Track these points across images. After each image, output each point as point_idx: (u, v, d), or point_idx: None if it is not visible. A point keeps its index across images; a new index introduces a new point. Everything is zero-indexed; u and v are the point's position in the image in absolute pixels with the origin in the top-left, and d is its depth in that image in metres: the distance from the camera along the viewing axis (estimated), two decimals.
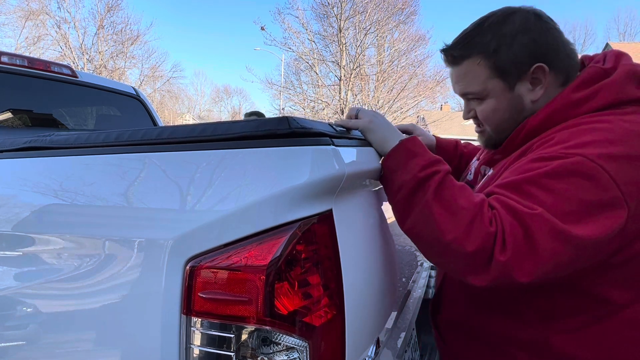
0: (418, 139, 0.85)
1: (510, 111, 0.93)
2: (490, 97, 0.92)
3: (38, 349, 0.72)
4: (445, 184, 0.76)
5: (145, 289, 0.62)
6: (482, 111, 0.95)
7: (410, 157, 0.80)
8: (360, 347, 0.72)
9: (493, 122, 0.95)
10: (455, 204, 0.73)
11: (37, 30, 20.43)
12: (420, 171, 0.77)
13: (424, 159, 0.80)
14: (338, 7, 17.38)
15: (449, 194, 0.75)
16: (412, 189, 0.77)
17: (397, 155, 0.81)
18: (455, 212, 0.72)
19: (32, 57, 2.26)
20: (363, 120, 0.88)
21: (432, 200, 0.74)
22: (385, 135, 0.86)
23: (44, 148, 0.87)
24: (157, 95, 27.34)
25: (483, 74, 0.91)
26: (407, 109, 18.28)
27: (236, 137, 0.65)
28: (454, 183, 0.78)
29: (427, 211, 0.74)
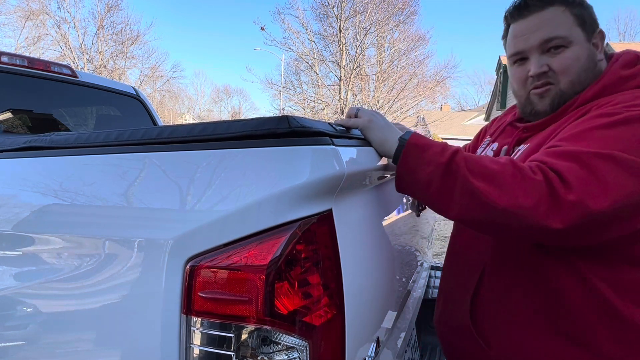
0: (417, 132, 0.85)
1: (589, 62, 0.94)
2: (574, 44, 0.93)
3: (38, 349, 0.72)
4: (468, 158, 0.76)
5: (145, 288, 0.62)
6: (565, 59, 0.93)
7: (423, 150, 0.80)
8: (360, 347, 0.71)
9: (573, 72, 0.93)
10: (490, 170, 0.73)
11: (37, 30, 20.43)
12: (440, 157, 0.77)
13: (436, 146, 0.80)
14: (338, 7, 17.38)
15: (478, 165, 0.75)
16: (442, 176, 0.76)
17: (409, 155, 0.80)
18: (494, 177, 0.72)
19: (32, 57, 2.26)
20: (362, 119, 0.88)
21: (468, 177, 0.73)
22: (385, 135, 0.85)
23: (44, 148, 0.87)
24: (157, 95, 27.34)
25: (569, 20, 0.93)
26: (407, 109, 18.27)
27: (236, 137, 0.65)
28: (474, 155, 0.79)
29: (467, 189, 0.73)
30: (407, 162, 0.80)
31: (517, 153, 0.99)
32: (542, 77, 0.95)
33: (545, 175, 0.71)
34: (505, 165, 0.73)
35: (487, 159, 0.77)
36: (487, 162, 0.76)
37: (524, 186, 0.70)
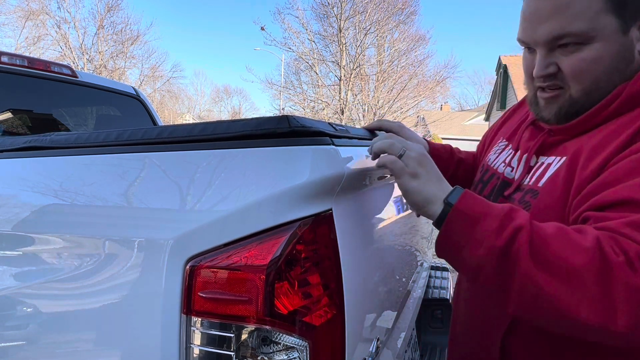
0: (469, 193, 0.64)
1: (618, 62, 0.70)
2: (596, 40, 0.69)
3: (38, 349, 0.72)
4: (537, 241, 0.56)
5: (145, 288, 0.62)
6: (579, 61, 0.70)
7: (473, 224, 0.60)
8: (360, 347, 0.71)
9: (589, 78, 0.70)
10: (566, 264, 0.54)
11: (37, 30, 20.43)
12: (496, 238, 0.58)
13: (492, 219, 0.59)
14: (338, 7, 17.38)
15: (551, 253, 0.55)
16: (495, 266, 0.58)
17: (454, 227, 0.62)
18: (572, 276, 0.53)
19: (32, 57, 2.26)
20: (403, 165, 0.67)
21: (532, 271, 0.55)
22: (430, 192, 0.65)
23: (44, 148, 0.87)
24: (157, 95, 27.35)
25: (596, 5, 0.67)
26: (407, 109, 18.27)
27: (236, 137, 0.65)
28: (546, 233, 0.57)
29: (531, 288, 0.55)
30: (450, 236, 0.63)
31: (545, 168, 0.77)
32: (549, 79, 0.74)
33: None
34: (589, 259, 0.53)
35: (562, 237, 0.56)
36: (562, 246, 0.55)
37: (619, 301, 0.51)
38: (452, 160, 1.18)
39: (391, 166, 0.68)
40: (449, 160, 1.18)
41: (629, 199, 0.58)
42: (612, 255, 0.52)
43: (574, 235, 0.56)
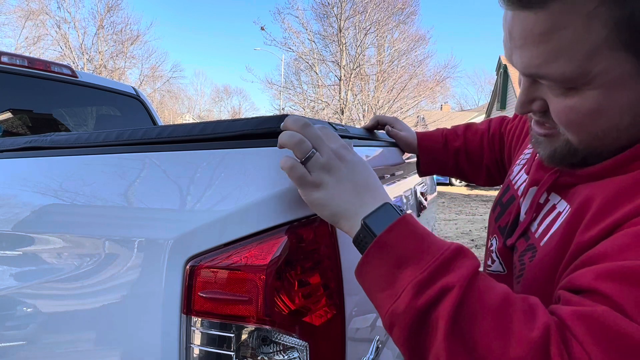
0: (405, 221, 0.48)
1: (637, 114, 0.48)
2: (593, 86, 0.46)
3: (38, 349, 0.72)
4: (465, 312, 0.42)
5: (145, 288, 0.61)
6: (568, 109, 0.49)
7: (396, 268, 0.46)
8: (360, 347, 0.71)
9: (585, 131, 0.51)
10: (493, 352, 0.39)
11: (37, 30, 20.44)
12: (417, 296, 0.43)
13: (421, 266, 0.45)
14: (338, 7, 17.39)
15: (478, 334, 0.41)
16: (408, 330, 0.44)
17: (373, 266, 0.48)
18: None
19: (32, 57, 2.26)
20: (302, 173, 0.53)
21: (447, 350, 0.41)
22: (341, 208, 0.52)
23: (44, 148, 0.87)
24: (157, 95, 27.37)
25: (591, 39, 0.43)
26: (407, 109, 18.28)
27: (236, 136, 0.65)
28: (483, 303, 0.42)
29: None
30: (368, 272, 0.49)
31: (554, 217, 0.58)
32: (538, 115, 0.55)
33: None
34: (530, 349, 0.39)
35: (502, 313, 0.41)
36: (495, 327, 0.40)
37: None
38: (448, 152, 1.06)
39: (289, 173, 0.53)
40: (444, 154, 1.07)
41: (592, 288, 0.42)
42: (556, 358, 0.38)
43: (519, 317, 0.41)
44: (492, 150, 1.07)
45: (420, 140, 1.11)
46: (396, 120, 1.13)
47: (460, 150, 1.08)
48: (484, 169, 1.08)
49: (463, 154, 1.08)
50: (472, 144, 1.08)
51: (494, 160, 1.07)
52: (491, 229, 0.77)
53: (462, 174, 1.13)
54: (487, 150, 1.07)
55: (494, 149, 1.07)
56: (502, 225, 0.71)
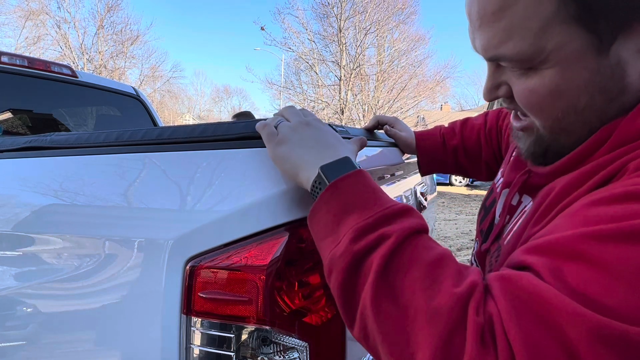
0: (361, 173, 0.50)
1: (593, 94, 0.47)
2: (549, 64, 0.46)
3: (38, 349, 0.72)
4: (398, 260, 0.42)
5: (145, 288, 0.62)
6: (528, 92, 0.49)
7: (343, 213, 0.47)
8: (360, 347, 0.71)
9: (547, 114, 0.50)
10: (417, 302, 0.40)
11: (37, 30, 20.45)
12: (356, 240, 0.44)
13: (366, 214, 0.46)
14: (338, 7, 17.40)
15: (405, 281, 0.41)
16: (345, 272, 0.44)
17: (323, 211, 0.49)
18: (418, 314, 0.39)
19: (32, 57, 2.26)
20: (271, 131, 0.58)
21: (372, 296, 0.42)
22: (302, 159, 0.54)
23: (44, 148, 0.87)
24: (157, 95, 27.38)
25: (542, 13, 0.44)
26: (407, 109, 18.29)
27: (236, 137, 0.65)
28: (420, 255, 0.43)
29: (368, 316, 0.42)
30: (318, 217, 0.50)
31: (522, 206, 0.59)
32: (507, 102, 0.55)
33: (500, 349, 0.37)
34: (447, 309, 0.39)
35: (435, 267, 0.42)
36: (424, 277, 0.41)
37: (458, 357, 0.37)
38: (447, 151, 1.05)
39: (261, 131, 0.59)
40: (443, 152, 1.06)
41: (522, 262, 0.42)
42: (473, 314, 0.38)
43: (450, 274, 0.41)
44: (490, 145, 1.06)
45: (419, 140, 1.10)
46: (396, 121, 1.13)
47: (459, 147, 1.07)
48: (484, 165, 1.08)
49: (462, 151, 1.07)
50: (469, 141, 1.07)
51: (492, 155, 1.06)
52: (476, 232, 0.77)
53: (463, 171, 1.12)
54: (485, 145, 1.06)
55: (491, 144, 1.06)
56: (484, 229, 0.72)
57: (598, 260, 0.37)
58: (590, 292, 0.36)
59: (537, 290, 0.37)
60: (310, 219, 0.52)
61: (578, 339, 0.34)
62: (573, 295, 0.36)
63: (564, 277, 0.38)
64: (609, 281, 0.36)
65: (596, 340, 0.34)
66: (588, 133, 0.50)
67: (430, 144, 1.10)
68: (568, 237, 0.39)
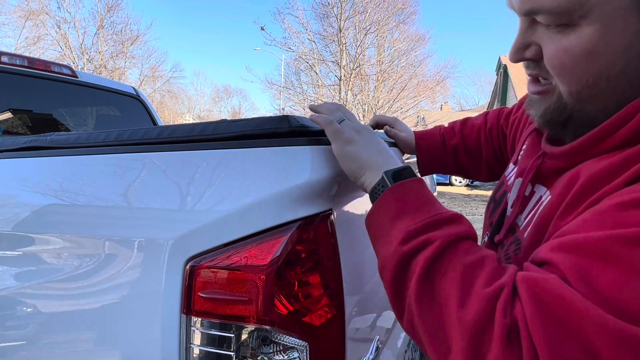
0: (419, 181, 0.54)
1: (631, 60, 0.45)
2: (590, 21, 0.45)
3: (38, 349, 0.72)
4: (440, 264, 0.45)
5: (145, 288, 0.62)
6: (561, 51, 0.47)
7: (396, 217, 0.51)
8: (360, 347, 0.72)
9: (577, 78, 0.48)
10: (449, 302, 0.43)
11: (37, 30, 20.44)
12: (405, 242, 0.48)
13: (418, 219, 0.49)
14: (338, 7, 17.40)
15: (444, 282, 0.44)
16: (394, 270, 0.48)
17: (381, 212, 0.53)
18: (451, 316, 0.42)
19: (32, 57, 2.26)
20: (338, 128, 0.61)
21: (416, 294, 0.45)
22: (370, 160, 0.58)
23: (44, 148, 0.87)
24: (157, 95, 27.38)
25: None
26: (407, 109, 18.29)
27: (236, 137, 0.65)
28: (462, 258, 0.45)
29: (411, 312, 0.46)
30: (376, 219, 0.54)
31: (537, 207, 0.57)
32: (532, 66, 0.53)
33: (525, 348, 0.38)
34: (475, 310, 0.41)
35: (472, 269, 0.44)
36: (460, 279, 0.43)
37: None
38: (446, 151, 1.05)
39: (325, 127, 0.61)
40: (443, 152, 1.05)
41: (546, 260, 0.43)
42: (500, 315, 0.40)
43: (484, 276, 0.43)
44: (491, 145, 1.05)
45: (419, 140, 1.09)
46: (396, 121, 1.13)
47: (459, 147, 1.06)
48: (484, 164, 1.07)
49: (462, 151, 1.06)
50: (469, 140, 1.06)
51: (492, 155, 1.05)
52: (485, 225, 0.77)
53: (463, 171, 1.11)
54: (485, 144, 1.05)
55: (492, 143, 1.05)
56: (494, 221, 0.72)
57: (626, 265, 0.37)
58: (615, 297, 0.36)
59: (562, 295, 0.38)
60: (368, 220, 0.56)
61: (601, 345, 0.35)
62: (598, 301, 0.36)
63: (590, 280, 0.38)
64: (636, 287, 0.36)
65: (619, 347, 0.35)
66: (616, 104, 0.48)
67: (430, 143, 1.09)
68: (597, 238, 0.39)
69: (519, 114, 0.92)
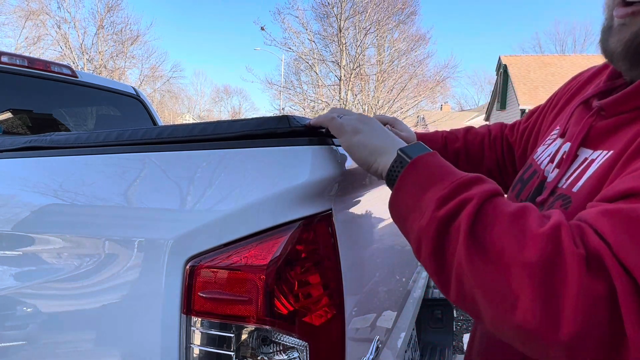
0: (434, 153, 0.55)
1: None
2: None
3: (38, 349, 0.72)
4: (482, 218, 0.45)
5: (145, 288, 0.62)
6: None
7: (423, 188, 0.51)
8: (360, 347, 0.72)
9: None
10: (507, 250, 0.42)
11: (37, 30, 20.46)
12: (439, 207, 0.48)
13: (445, 185, 0.49)
14: (338, 7, 17.40)
15: (493, 233, 0.44)
16: (433, 241, 0.47)
17: (405, 190, 0.53)
18: (511, 265, 0.41)
19: (32, 57, 2.26)
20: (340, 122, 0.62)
21: (467, 254, 0.44)
22: (380, 144, 0.59)
23: (44, 148, 0.87)
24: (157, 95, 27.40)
25: None
26: (407, 109, 18.29)
27: (236, 137, 0.65)
28: (501, 210, 0.46)
29: (464, 274, 0.45)
30: (401, 197, 0.54)
31: (586, 166, 0.59)
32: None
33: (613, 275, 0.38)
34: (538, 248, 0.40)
35: (517, 217, 0.44)
36: (509, 227, 0.43)
37: (566, 303, 0.39)
38: (448, 154, 1.04)
39: (328, 124, 0.62)
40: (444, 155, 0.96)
41: (631, 189, 0.43)
42: (570, 246, 0.40)
43: (533, 220, 0.43)
44: (494, 152, 1.06)
45: (419, 136, 1.09)
46: (396, 121, 1.13)
47: (461, 151, 1.07)
48: (485, 172, 1.07)
49: (463, 156, 1.07)
50: (472, 146, 1.07)
51: (494, 162, 1.07)
52: None
53: None
54: (488, 152, 1.07)
55: (495, 151, 1.07)
56: (524, 198, 0.73)
57: None
58: None
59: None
60: (392, 201, 0.55)
61: None
62: None
63: None
64: None
65: None
66: None
67: (431, 145, 1.08)
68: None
69: (530, 121, 0.96)
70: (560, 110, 0.83)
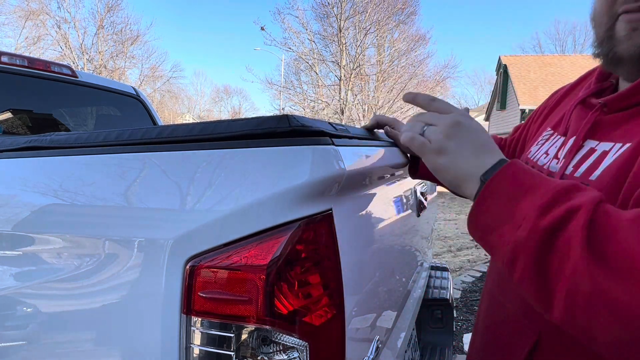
0: (517, 164, 0.51)
1: None
2: None
3: (38, 349, 0.72)
4: (600, 228, 0.41)
5: (145, 288, 0.62)
6: None
7: (513, 201, 0.47)
8: (360, 347, 0.72)
9: None
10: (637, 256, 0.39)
11: (37, 30, 20.47)
12: (540, 217, 0.44)
13: (541, 194, 0.46)
14: (338, 7, 17.40)
15: (617, 245, 0.40)
16: (536, 253, 0.43)
17: (487, 210, 0.50)
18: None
19: (32, 57, 2.26)
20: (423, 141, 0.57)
21: (588, 266, 0.40)
22: (463, 170, 0.54)
23: (44, 148, 0.87)
24: (157, 95, 27.41)
25: None
26: (407, 109, 18.28)
27: (236, 136, 0.65)
28: (617, 219, 0.42)
29: (584, 286, 0.40)
30: (481, 216, 0.51)
31: (599, 156, 0.59)
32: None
33: None
34: None
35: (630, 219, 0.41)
36: (636, 236, 0.40)
37: None
38: None
39: (410, 144, 0.59)
40: None
41: None
42: None
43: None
44: None
45: None
46: (396, 121, 1.13)
47: None
48: None
49: None
50: None
51: None
52: None
53: None
54: None
55: None
56: None
57: None
58: None
59: None
60: (474, 215, 0.52)
61: None
62: None
63: None
64: None
65: None
66: None
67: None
68: None
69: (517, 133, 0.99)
70: (545, 118, 0.85)
